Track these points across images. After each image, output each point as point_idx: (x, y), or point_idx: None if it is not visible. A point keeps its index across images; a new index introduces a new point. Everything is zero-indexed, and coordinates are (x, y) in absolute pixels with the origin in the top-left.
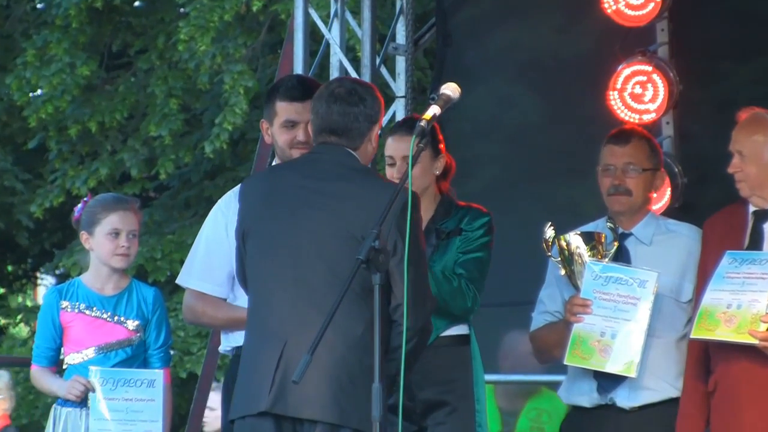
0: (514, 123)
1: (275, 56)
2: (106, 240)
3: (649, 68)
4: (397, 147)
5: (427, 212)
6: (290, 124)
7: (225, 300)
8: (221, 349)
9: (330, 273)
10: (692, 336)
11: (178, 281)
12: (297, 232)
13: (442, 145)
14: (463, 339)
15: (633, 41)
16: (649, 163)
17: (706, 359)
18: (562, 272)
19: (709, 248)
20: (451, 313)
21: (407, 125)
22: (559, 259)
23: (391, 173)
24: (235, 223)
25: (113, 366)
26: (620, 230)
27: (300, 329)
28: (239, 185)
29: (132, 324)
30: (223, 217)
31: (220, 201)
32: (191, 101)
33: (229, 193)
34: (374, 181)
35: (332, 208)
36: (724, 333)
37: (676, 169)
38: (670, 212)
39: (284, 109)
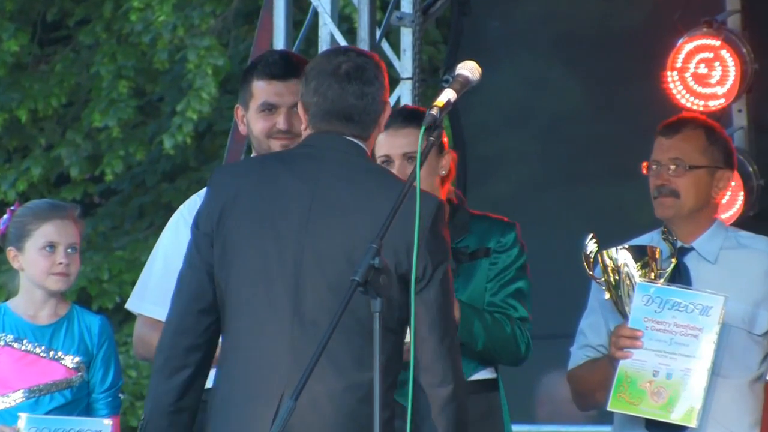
0: (548, 111)
1: (251, 28)
2: (39, 256)
3: (717, 43)
4: (393, 143)
5: None
6: (269, 109)
7: None
8: None
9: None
10: None
11: (128, 306)
12: (296, 254)
13: (445, 139)
14: (492, 384)
15: (696, 9)
16: (703, 159)
17: None
18: (607, 296)
19: None
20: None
21: (404, 116)
22: (603, 279)
23: None
24: None
25: (48, 413)
26: (679, 244)
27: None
28: (207, 184)
29: (72, 361)
30: (185, 228)
31: (182, 207)
32: (146, 84)
33: (193, 197)
34: (391, 184)
35: (340, 224)
36: None
37: (751, 169)
38: (743, 222)
39: (262, 89)
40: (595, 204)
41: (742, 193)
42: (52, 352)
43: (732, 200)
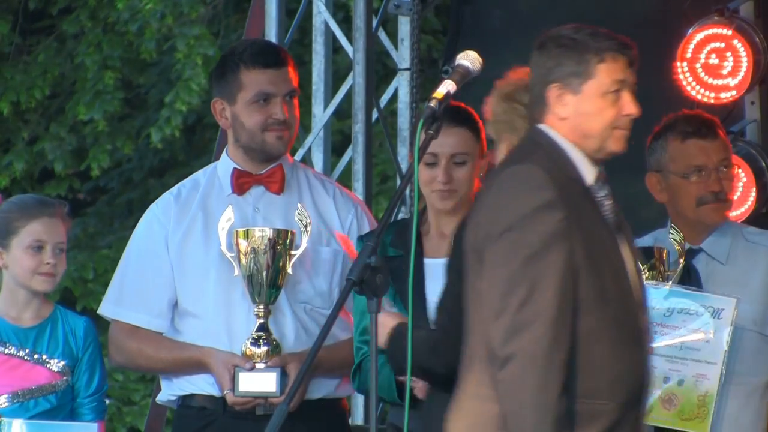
0: None
1: (242, 16)
2: (25, 255)
3: (729, 32)
4: (443, 142)
5: None
6: (264, 98)
7: (161, 335)
8: (161, 398)
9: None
10: None
11: (102, 311)
12: None
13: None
14: None
15: None
16: (732, 158)
17: None
18: None
19: None
20: None
21: (452, 114)
22: None
23: (434, 175)
24: (176, 232)
25: (31, 419)
26: (687, 245)
27: None
28: (177, 186)
29: (57, 364)
30: (160, 227)
31: (153, 205)
32: (133, 75)
33: (165, 195)
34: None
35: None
36: None
37: (763, 164)
38: (755, 218)
39: (255, 79)
40: None
41: (754, 189)
42: (36, 356)
43: (744, 196)
